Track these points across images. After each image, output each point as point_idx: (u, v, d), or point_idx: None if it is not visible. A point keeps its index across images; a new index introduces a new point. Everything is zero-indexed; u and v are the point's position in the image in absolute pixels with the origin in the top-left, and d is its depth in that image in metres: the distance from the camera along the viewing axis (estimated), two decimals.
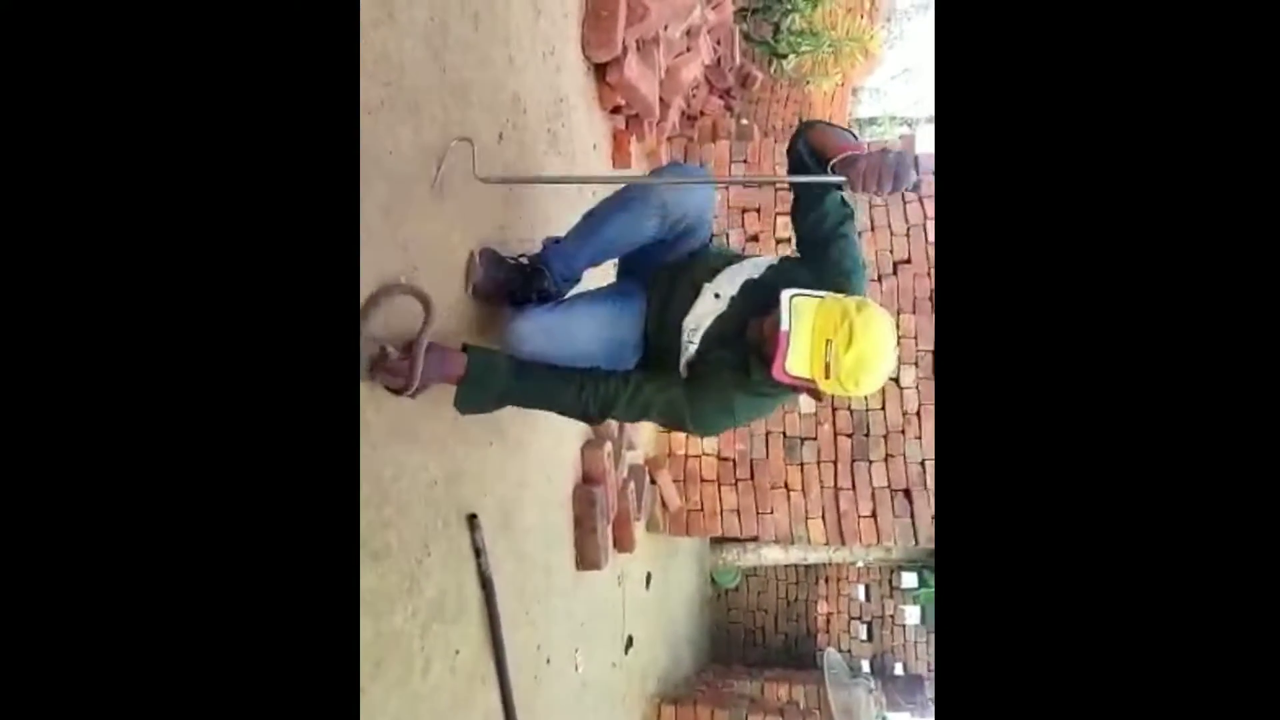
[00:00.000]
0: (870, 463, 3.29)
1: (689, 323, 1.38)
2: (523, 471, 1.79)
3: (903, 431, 3.28)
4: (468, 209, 1.48)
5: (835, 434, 3.33)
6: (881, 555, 5.03)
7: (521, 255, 1.58)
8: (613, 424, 2.31)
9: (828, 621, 5.04)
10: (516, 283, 1.52)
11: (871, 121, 9.91)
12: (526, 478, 1.81)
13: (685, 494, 3.35)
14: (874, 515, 3.25)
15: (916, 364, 3.28)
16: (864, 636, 5.02)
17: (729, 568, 5.18)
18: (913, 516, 3.21)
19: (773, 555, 5.23)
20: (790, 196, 1.49)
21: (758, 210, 3.43)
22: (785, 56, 5.06)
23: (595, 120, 2.47)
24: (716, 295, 1.38)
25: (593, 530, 2.08)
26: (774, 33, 5.09)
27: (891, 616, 5.02)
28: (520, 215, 1.74)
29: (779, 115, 6.36)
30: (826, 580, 5.19)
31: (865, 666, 4.90)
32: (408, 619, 1.25)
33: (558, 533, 2.02)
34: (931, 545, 3.32)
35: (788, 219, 1.60)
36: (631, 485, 2.60)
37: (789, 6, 4.93)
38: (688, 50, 3.44)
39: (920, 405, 3.29)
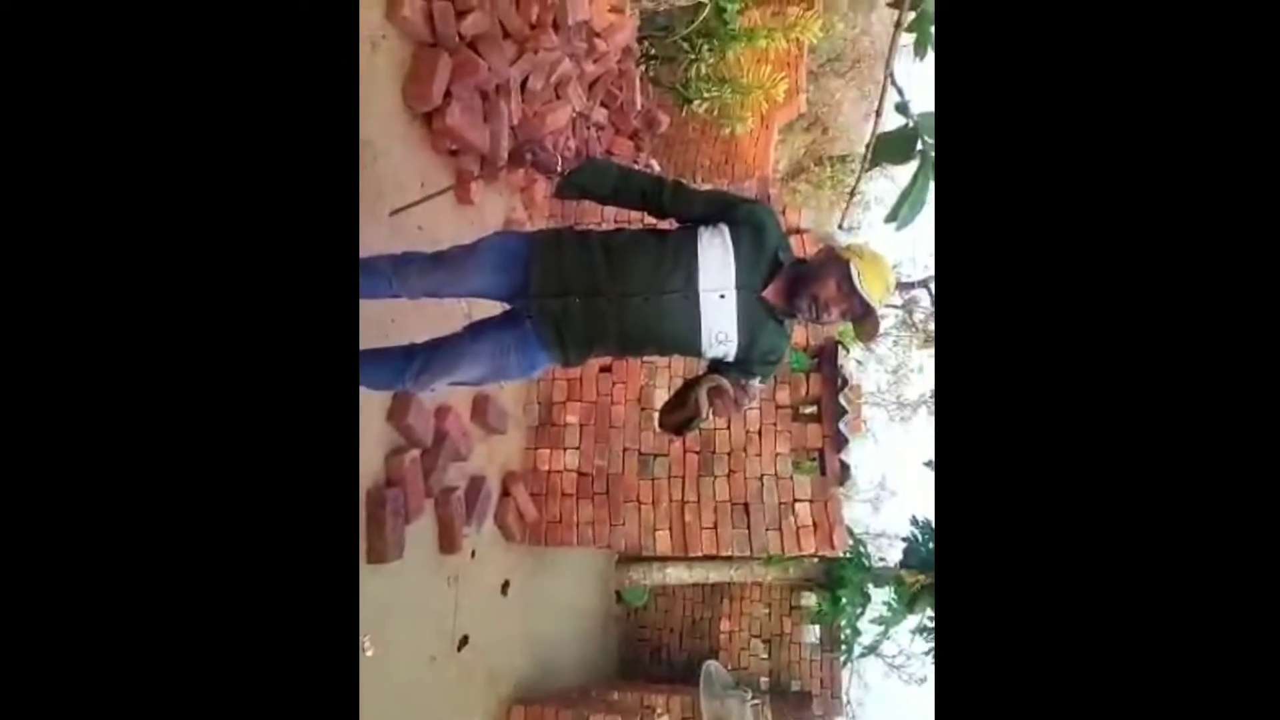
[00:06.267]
0: (715, 478, 3.52)
1: None
2: None
3: (745, 449, 3.51)
4: None
5: (685, 451, 3.57)
6: (779, 574, 5.21)
7: None
8: (419, 431, 2.56)
9: (729, 639, 5.20)
10: None
11: None
12: None
13: (544, 507, 3.59)
14: (715, 527, 3.47)
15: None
16: (763, 654, 5.18)
17: (636, 586, 5.36)
18: (749, 528, 3.43)
19: (677, 574, 5.41)
20: None
21: None
22: (692, 101, 5.40)
23: (424, 159, 2.78)
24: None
25: (381, 525, 2.33)
26: (684, 80, 5.44)
27: (789, 634, 5.18)
28: None
29: (706, 155, 6.70)
30: (730, 599, 5.36)
31: (764, 683, 5.05)
32: None
33: None
34: (768, 553, 3.52)
35: None
36: (457, 493, 2.85)
37: (693, 56, 5.28)
38: (557, 99, 3.77)
39: (761, 425, 3.53)
